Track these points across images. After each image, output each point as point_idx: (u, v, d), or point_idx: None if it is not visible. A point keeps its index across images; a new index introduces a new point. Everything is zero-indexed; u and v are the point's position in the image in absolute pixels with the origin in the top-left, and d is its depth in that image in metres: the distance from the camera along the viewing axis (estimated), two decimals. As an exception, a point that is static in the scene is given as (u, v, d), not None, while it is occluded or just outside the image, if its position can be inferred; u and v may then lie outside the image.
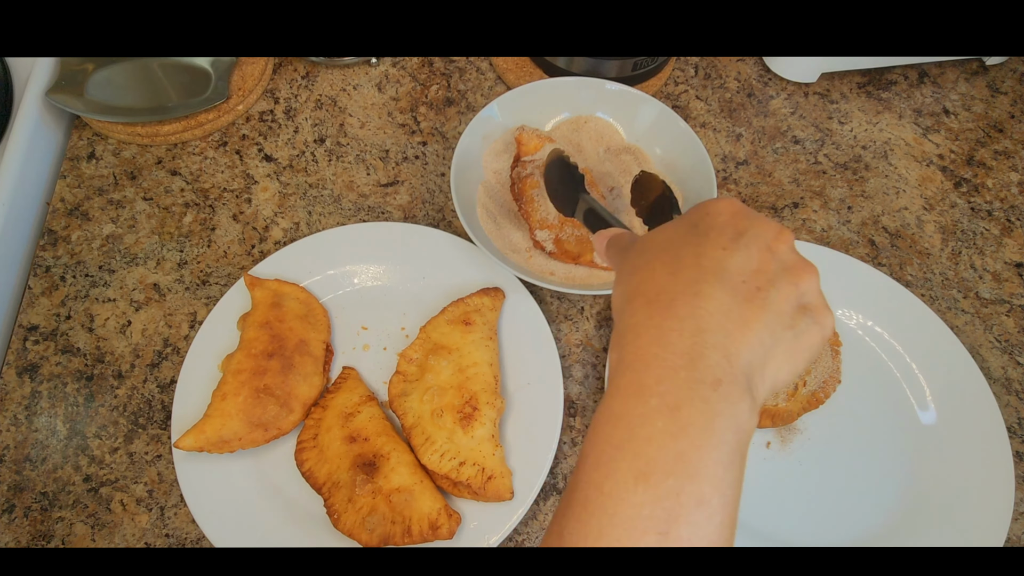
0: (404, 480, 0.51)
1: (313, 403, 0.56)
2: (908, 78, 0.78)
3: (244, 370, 0.54)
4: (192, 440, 0.52)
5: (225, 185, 0.68)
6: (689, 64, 0.78)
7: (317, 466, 0.53)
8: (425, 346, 0.57)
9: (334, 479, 0.52)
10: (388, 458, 0.52)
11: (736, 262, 0.31)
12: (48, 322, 0.61)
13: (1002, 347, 0.63)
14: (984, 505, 0.53)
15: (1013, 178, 0.72)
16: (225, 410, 0.53)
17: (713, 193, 0.61)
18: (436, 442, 0.52)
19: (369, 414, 0.54)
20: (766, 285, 0.30)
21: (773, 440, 0.57)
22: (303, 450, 0.54)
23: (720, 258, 0.31)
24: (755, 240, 0.32)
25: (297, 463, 0.53)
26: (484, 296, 0.59)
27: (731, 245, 0.31)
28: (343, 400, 0.55)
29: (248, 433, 0.53)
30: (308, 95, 0.74)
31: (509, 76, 0.74)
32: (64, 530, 0.53)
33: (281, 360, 0.55)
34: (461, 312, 0.58)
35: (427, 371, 0.55)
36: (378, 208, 0.68)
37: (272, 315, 0.57)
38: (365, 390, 0.57)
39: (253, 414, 0.53)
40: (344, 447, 0.53)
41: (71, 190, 0.68)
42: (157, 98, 0.68)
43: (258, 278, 0.60)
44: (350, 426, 0.53)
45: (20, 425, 0.57)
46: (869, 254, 0.67)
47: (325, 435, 0.54)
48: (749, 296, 0.30)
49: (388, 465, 0.51)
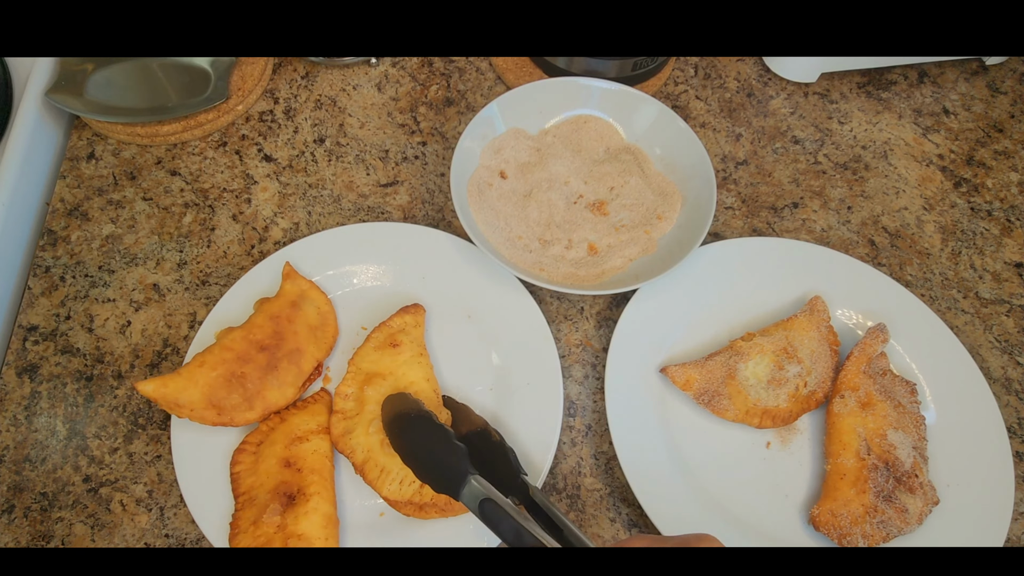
0: (312, 529, 0.49)
1: (275, 411, 0.55)
2: (908, 78, 0.78)
3: (232, 349, 0.54)
4: (153, 388, 0.52)
5: (225, 185, 0.68)
6: (689, 64, 0.78)
7: (246, 473, 0.52)
8: (357, 378, 0.56)
9: (252, 494, 0.51)
10: (308, 499, 0.50)
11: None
12: (48, 322, 0.61)
13: (1002, 347, 0.63)
14: (984, 505, 0.54)
15: (1013, 178, 0.72)
16: (195, 377, 0.53)
17: (712, 193, 0.61)
18: (391, 471, 0.51)
19: (315, 447, 0.53)
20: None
21: (773, 440, 0.57)
22: (242, 451, 0.53)
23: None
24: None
25: (231, 461, 0.53)
26: (405, 315, 0.58)
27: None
28: (299, 421, 0.54)
29: (201, 409, 0.53)
30: (308, 95, 0.74)
31: (509, 76, 0.74)
32: (64, 530, 0.53)
33: (269, 357, 0.55)
34: (386, 336, 0.57)
35: (366, 403, 0.54)
36: (378, 208, 0.68)
37: (286, 312, 0.57)
38: (325, 421, 0.55)
39: (216, 394, 0.53)
40: (277, 468, 0.51)
41: (71, 190, 0.68)
42: (157, 98, 0.68)
43: (295, 272, 0.60)
44: (292, 450, 0.52)
45: (20, 425, 0.57)
46: (869, 254, 0.67)
47: (268, 448, 0.53)
48: None
49: (305, 506, 0.50)
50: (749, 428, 0.57)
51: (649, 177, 0.66)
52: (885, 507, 0.52)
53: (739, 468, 0.56)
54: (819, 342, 0.58)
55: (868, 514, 0.52)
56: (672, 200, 0.65)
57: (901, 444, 0.53)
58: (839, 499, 0.52)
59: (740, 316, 0.62)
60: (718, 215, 0.68)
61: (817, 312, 0.60)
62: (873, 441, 0.54)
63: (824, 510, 0.52)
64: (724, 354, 0.58)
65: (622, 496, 0.56)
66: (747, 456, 0.56)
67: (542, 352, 0.58)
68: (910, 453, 0.53)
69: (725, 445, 0.57)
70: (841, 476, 0.53)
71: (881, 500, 0.52)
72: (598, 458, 0.57)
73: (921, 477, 0.53)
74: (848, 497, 0.52)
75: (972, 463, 0.55)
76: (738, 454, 0.56)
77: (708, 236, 0.66)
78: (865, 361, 0.57)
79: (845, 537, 0.51)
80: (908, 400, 0.57)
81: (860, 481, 0.52)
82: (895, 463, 0.53)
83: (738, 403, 0.56)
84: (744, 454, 0.56)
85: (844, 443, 0.54)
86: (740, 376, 0.56)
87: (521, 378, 0.57)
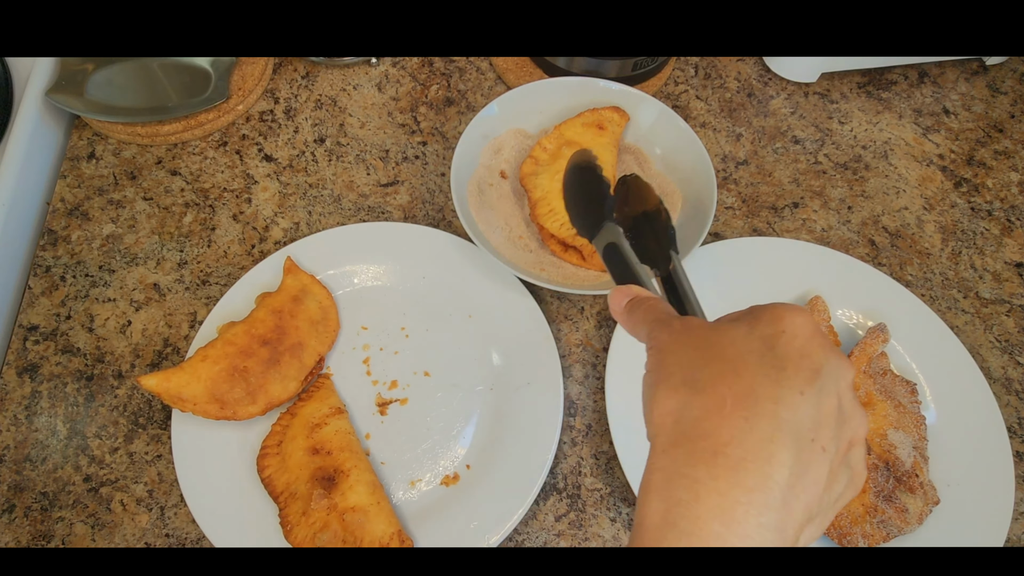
0: (361, 499, 0.51)
1: (278, 404, 0.55)
2: (908, 78, 0.78)
3: (235, 344, 0.55)
4: (156, 383, 0.52)
5: (225, 185, 0.69)
6: (689, 64, 0.78)
7: (277, 474, 0.53)
8: (559, 141, 0.65)
9: (292, 489, 0.52)
10: (348, 475, 0.51)
11: (809, 412, 0.28)
12: (48, 322, 0.61)
13: (1002, 347, 0.63)
14: (984, 505, 0.54)
15: (1013, 178, 0.72)
16: (198, 371, 0.53)
17: (713, 193, 0.61)
18: (559, 213, 0.60)
19: (336, 427, 0.54)
20: (829, 444, 0.28)
21: (773, 440, 0.57)
22: (265, 456, 0.53)
23: (797, 405, 0.27)
24: (830, 382, 0.28)
25: (258, 468, 0.53)
26: (615, 112, 0.66)
27: (808, 388, 0.28)
28: (312, 410, 0.55)
29: (204, 403, 0.53)
30: (308, 95, 0.74)
31: (509, 76, 0.74)
32: (64, 530, 0.53)
33: (271, 352, 0.55)
34: (595, 118, 0.65)
35: (559, 158, 0.63)
36: (378, 208, 0.68)
37: (288, 306, 0.57)
38: (336, 401, 0.56)
39: (219, 388, 0.53)
40: (306, 458, 0.52)
41: (71, 190, 0.68)
42: (157, 98, 0.68)
43: (297, 266, 0.60)
44: (315, 437, 0.53)
45: (20, 425, 0.57)
46: (869, 254, 0.67)
47: (289, 444, 0.53)
48: (814, 459, 0.27)
49: (347, 482, 0.51)
50: (749, 428, 0.57)
51: (649, 177, 0.66)
52: (885, 507, 0.52)
53: (739, 468, 0.56)
54: (819, 342, 0.58)
55: (868, 514, 0.52)
56: (672, 200, 0.65)
57: (901, 444, 0.53)
58: (839, 499, 0.52)
59: (740, 316, 0.62)
60: (718, 215, 0.68)
61: (817, 312, 0.60)
62: (873, 441, 0.54)
63: None
64: (724, 354, 0.58)
65: (622, 496, 0.56)
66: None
67: (542, 352, 0.58)
68: (910, 453, 0.53)
69: (725, 445, 0.57)
70: None
71: (881, 500, 0.52)
72: (598, 458, 0.57)
73: (921, 477, 0.53)
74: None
75: (972, 463, 0.55)
76: (738, 454, 0.56)
77: (708, 236, 0.66)
78: (865, 361, 0.57)
79: (846, 537, 0.51)
80: (908, 400, 0.57)
81: (860, 481, 0.52)
82: (895, 463, 0.53)
83: (738, 403, 0.56)
84: (744, 454, 0.56)
85: (844, 443, 0.54)
86: (740, 376, 0.56)
87: (522, 378, 0.57)
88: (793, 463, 0.26)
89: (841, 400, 0.29)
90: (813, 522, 0.28)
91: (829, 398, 0.28)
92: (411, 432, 0.57)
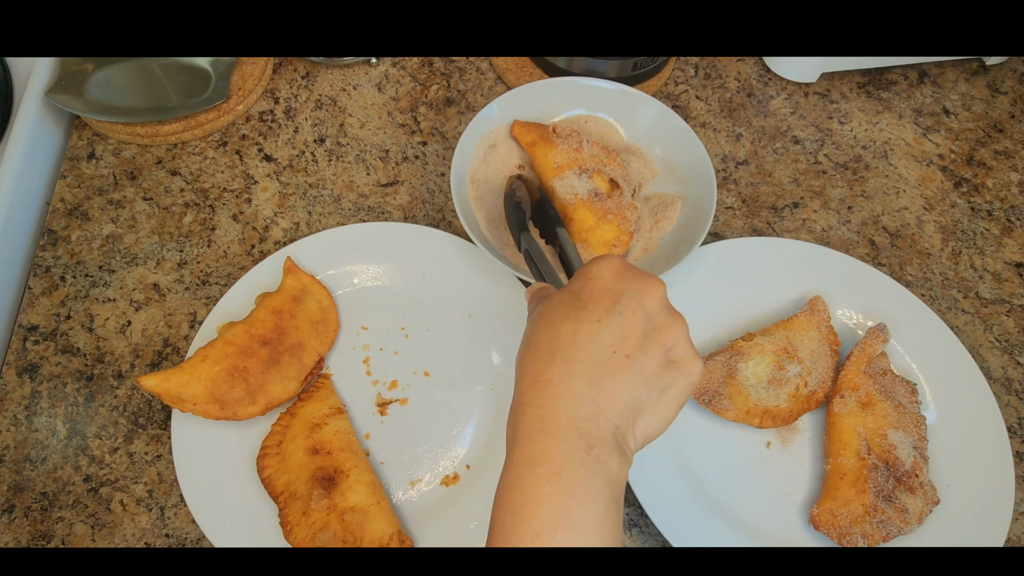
0: (361, 500, 0.51)
1: (278, 404, 0.55)
2: (908, 78, 0.78)
3: (235, 344, 0.55)
4: (156, 383, 0.52)
5: (225, 185, 0.69)
6: (689, 64, 0.78)
7: (277, 474, 0.53)
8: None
9: (291, 490, 0.52)
10: (348, 475, 0.51)
11: (608, 334, 0.35)
12: (48, 322, 0.61)
13: (1002, 347, 0.63)
14: (984, 505, 0.54)
15: (1013, 178, 0.72)
16: (198, 372, 0.53)
17: (713, 193, 0.61)
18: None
19: (335, 427, 0.54)
20: (635, 351, 0.35)
21: (773, 440, 0.57)
22: (265, 456, 0.53)
23: (594, 332, 0.35)
24: (630, 303, 0.36)
25: (258, 468, 0.53)
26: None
27: (605, 316, 0.35)
28: (312, 410, 0.55)
29: (204, 403, 0.53)
30: (308, 95, 0.74)
31: (509, 76, 0.74)
32: (64, 530, 0.53)
33: (271, 352, 0.55)
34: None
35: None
36: (378, 208, 0.68)
37: (288, 307, 0.57)
38: (336, 401, 0.56)
39: (219, 388, 0.53)
40: (306, 458, 0.52)
41: (71, 190, 0.68)
42: (157, 98, 0.68)
43: (297, 266, 0.60)
44: (315, 437, 0.53)
45: (20, 425, 0.57)
46: (869, 254, 0.67)
47: (289, 444, 0.53)
48: (618, 366, 0.35)
49: (347, 482, 0.51)
50: (749, 428, 0.57)
51: (649, 191, 0.66)
52: (885, 507, 0.52)
53: (739, 468, 0.56)
54: (819, 342, 0.58)
55: (868, 514, 0.52)
56: (672, 206, 0.65)
57: (901, 444, 0.53)
58: (839, 499, 0.52)
59: (740, 316, 0.62)
60: (718, 215, 0.68)
61: (817, 312, 0.60)
62: (873, 441, 0.54)
63: (824, 510, 0.52)
64: (724, 354, 0.58)
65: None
66: (747, 456, 0.56)
67: (542, 352, 0.58)
68: (910, 453, 0.53)
69: (725, 445, 0.57)
70: (841, 476, 0.53)
71: (881, 500, 0.52)
72: (598, 458, 0.57)
73: (921, 477, 0.53)
74: (848, 497, 0.52)
75: (972, 463, 0.55)
76: (738, 454, 0.56)
77: (708, 236, 0.66)
78: (865, 361, 0.57)
79: (845, 537, 0.51)
80: (908, 400, 0.57)
81: (860, 481, 0.52)
82: (895, 463, 0.53)
83: (738, 403, 0.56)
84: (744, 454, 0.56)
85: (844, 443, 0.54)
86: (740, 376, 0.56)
87: (521, 378, 0.57)
88: (595, 372, 0.34)
89: (648, 314, 0.36)
90: (644, 412, 0.35)
91: (632, 315, 0.35)
92: (411, 432, 0.57)
